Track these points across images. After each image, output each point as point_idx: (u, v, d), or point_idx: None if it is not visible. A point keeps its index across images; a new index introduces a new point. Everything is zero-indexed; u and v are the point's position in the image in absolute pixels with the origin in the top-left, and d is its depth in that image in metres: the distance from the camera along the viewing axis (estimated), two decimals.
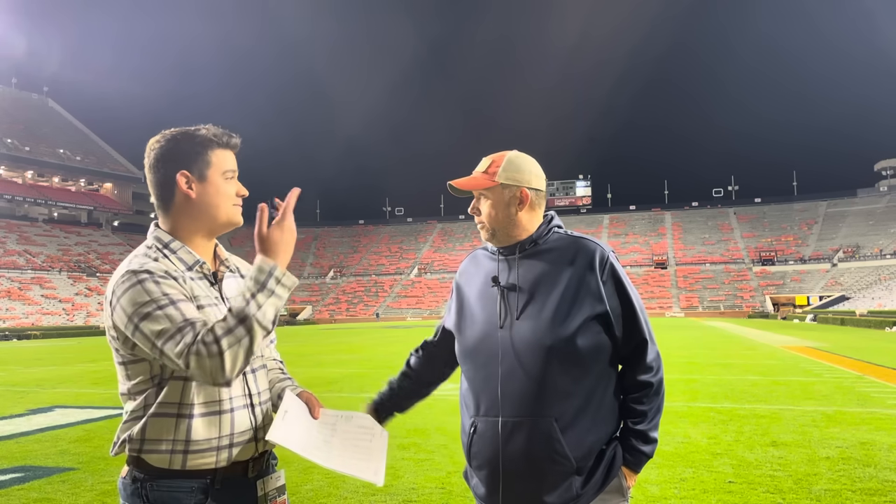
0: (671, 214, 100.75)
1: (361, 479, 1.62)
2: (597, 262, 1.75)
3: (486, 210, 1.82)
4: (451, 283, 2.01)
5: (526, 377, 1.70)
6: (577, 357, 1.70)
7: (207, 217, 1.61)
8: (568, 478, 1.69)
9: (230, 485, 1.55)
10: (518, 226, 1.81)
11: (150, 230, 1.63)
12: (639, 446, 1.77)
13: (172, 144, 1.59)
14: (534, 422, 1.69)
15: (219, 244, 1.72)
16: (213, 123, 1.66)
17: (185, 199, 1.59)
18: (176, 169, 1.58)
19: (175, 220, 1.61)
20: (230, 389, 1.56)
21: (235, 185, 1.65)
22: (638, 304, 1.78)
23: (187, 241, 1.61)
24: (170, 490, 1.50)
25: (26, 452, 6.22)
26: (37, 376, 14.57)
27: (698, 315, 69.41)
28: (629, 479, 1.78)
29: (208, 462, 1.52)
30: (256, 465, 1.61)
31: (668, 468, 5.12)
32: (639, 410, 1.78)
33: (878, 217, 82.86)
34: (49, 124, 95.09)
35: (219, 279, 1.65)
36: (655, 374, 1.79)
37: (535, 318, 1.72)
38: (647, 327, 1.79)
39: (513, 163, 1.83)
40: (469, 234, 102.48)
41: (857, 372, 12.54)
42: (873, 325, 37.08)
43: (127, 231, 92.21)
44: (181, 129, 1.62)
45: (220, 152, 1.62)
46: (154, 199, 1.63)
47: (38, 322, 55.09)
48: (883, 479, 4.78)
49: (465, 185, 1.84)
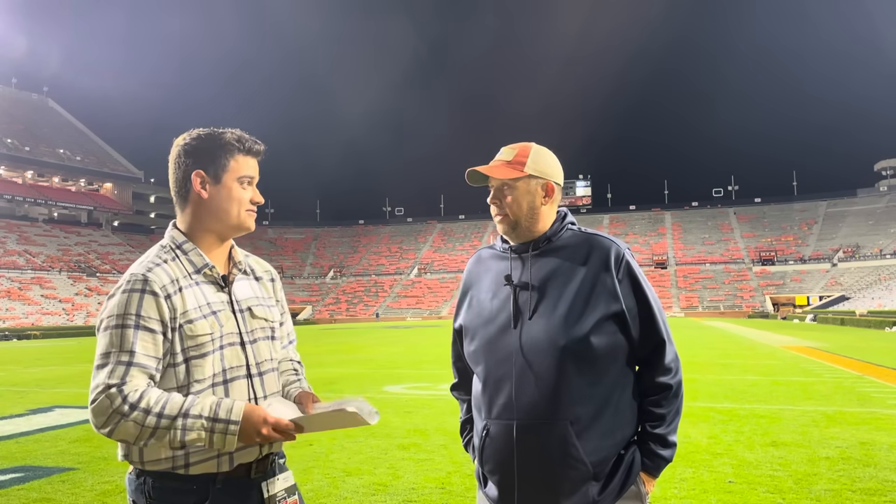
0: (671, 214, 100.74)
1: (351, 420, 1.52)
2: (612, 259, 1.70)
3: (510, 201, 1.76)
4: (452, 284, 1.99)
5: (540, 379, 1.65)
6: (592, 358, 1.65)
7: (218, 219, 1.63)
8: (584, 483, 1.64)
9: (232, 485, 1.55)
10: (540, 220, 1.77)
11: (168, 228, 1.68)
12: (658, 451, 1.71)
13: (196, 143, 1.63)
14: (549, 425, 1.64)
15: (235, 246, 1.73)
16: (241, 129, 1.69)
17: (199, 199, 1.62)
18: (193, 167, 1.61)
19: (189, 218, 1.64)
20: (234, 395, 1.57)
21: (251, 192, 1.66)
22: (655, 304, 1.72)
23: (200, 242, 1.64)
24: (171, 488, 1.52)
25: (26, 452, 6.22)
26: (37, 376, 14.56)
27: (698, 315, 69.40)
28: (647, 484, 1.72)
29: (209, 468, 1.53)
30: (261, 466, 1.61)
31: (668, 468, 5.10)
32: (657, 413, 1.72)
33: (878, 217, 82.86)
34: (49, 124, 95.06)
35: (229, 282, 1.66)
36: (674, 376, 1.73)
37: (549, 318, 1.67)
38: (665, 328, 1.73)
39: (540, 154, 1.79)
40: (469, 234, 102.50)
41: (857, 372, 12.54)
42: (873, 325, 37.07)
43: (127, 231, 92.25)
44: (208, 130, 1.65)
45: (240, 157, 1.64)
46: (172, 195, 1.67)
47: (38, 322, 55.09)
48: (883, 479, 4.78)
49: (494, 172, 1.76)
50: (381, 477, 5.02)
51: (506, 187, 1.76)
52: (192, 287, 1.58)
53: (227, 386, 1.57)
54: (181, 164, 1.62)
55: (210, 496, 1.53)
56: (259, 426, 1.47)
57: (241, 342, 1.62)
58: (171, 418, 1.44)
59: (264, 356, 1.66)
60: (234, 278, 1.67)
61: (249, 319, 1.65)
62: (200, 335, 1.54)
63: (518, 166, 1.76)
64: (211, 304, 1.59)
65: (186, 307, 1.54)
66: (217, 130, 1.65)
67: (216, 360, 1.56)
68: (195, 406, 1.46)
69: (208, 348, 1.55)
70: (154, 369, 1.50)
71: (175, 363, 1.53)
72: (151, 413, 1.43)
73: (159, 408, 1.44)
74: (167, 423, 1.44)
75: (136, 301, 1.49)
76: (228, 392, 1.57)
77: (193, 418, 1.45)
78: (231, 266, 1.69)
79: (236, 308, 1.63)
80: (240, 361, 1.60)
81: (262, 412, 1.48)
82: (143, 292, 1.50)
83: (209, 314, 1.57)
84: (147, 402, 1.44)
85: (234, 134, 1.65)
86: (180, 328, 1.53)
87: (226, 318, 1.60)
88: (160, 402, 1.44)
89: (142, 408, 1.43)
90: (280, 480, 1.64)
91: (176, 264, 1.58)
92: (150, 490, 1.53)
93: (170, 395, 1.48)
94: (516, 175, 1.75)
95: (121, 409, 1.42)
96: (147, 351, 1.48)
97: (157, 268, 1.55)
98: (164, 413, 1.44)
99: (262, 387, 1.63)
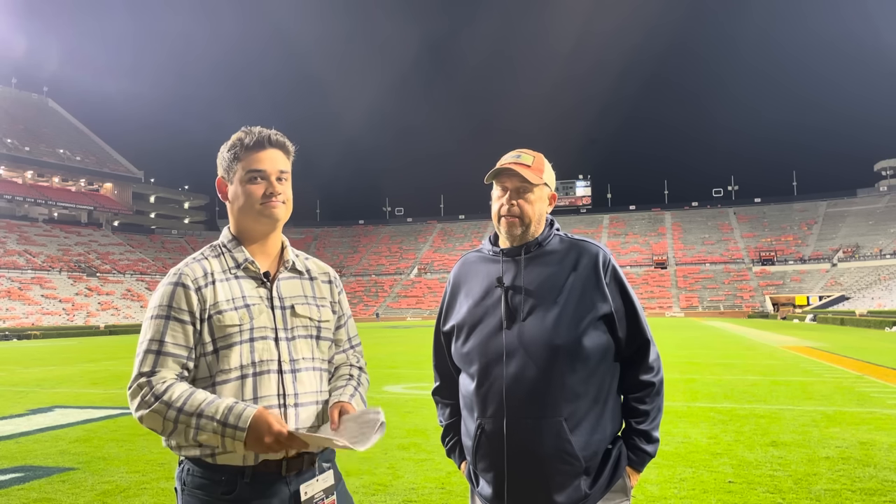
0: (671, 214, 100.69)
1: (339, 445, 1.52)
2: (600, 264, 1.79)
3: (528, 204, 1.81)
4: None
5: (534, 378, 1.70)
6: (584, 357, 1.72)
7: (244, 217, 1.69)
8: (576, 478, 1.70)
9: (260, 480, 1.56)
10: (542, 226, 1.87)
11: (223, 229, 1.77)
12: (643, 446, 1.79)
13: (221, 152, 1.72)
14: (543, 422, 1.69)
15: (288, 247, 1.76)
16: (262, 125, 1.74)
17: (227, 204, 1.72)
18: (219, 176, 1.73)
19: (230, 220, 1.74)
20: (261, 390, 1.59)
21: (262, 186, 1.66)
22: (639, 306, 1.83)
23: (247, 240, 1.70)
24: (202, 477, 1.57)
25: (26, 452, 6.22)
26: (37, 376, 14.56)
27: (698, 315, 69.41)
28: (632, 478, 1.80)
29: (234, 460, 1.55)
30: (293, 464, 1.60)
31: (668, 468, 5.12)
32: (641, 410, 1.80)
33: (878, 217, 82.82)
34: (49, 124, 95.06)
35: (271, 279, 1.68)
36: (657, 375, 1.83)
37: (542, 319, 1.73)
38: (647, 328, 1.83)
39: (548, 165, 1.89)
40: (469, 234, 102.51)
41: (857, 372, 12.54)
42: (873, 325, 37.06)
43: (127, 231, 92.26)
44: (237, 134, 1.71)
45: (244, 155, 1.67)
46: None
47: (38, 322, 55.06)
48: (883, 479, 4.78)
49: (527, 174, 1.81)
50: (380, 477, 5.02)
51: (526, 191, 1.82)
52: (229, 281, 1.64)
53: (256, 379, 1.59)
54: (218, 174, 1.73)
55: (238, 488, 1.55)
56: (263, 435, 1.48)
57: (275, 337, 1.63)
58: (189, 415, 1.49)
59: (302, 354, 1.67)
60: (279, 276, 1.70)
61: (290, 317, 1.67)
62: (228, 325, 1.59)
63: (538, 172, 1.84)
64: (245, 298, 1.63)
65: (217, 299, 1.60)
66: (237, 133, 1.71)
67: (244, 351, 1.59)
68: (210, 407, 1.50)
69: (235, 339, 1.58)
70: (186, 358, 1.57)
71: (206, 353, 1.59)
72: (172, 407, 1.49)
73: (180, 402, 1.50)
74: (185, 418, 1.49)
75: (168, 294, 1.59)
76: (257, 385, 1.59)
77: (207, 419, 1.49)
78: (279, 264, 1.72)
79: (276, 304, 1.66)
80: (271, 356, 1.61)
81: (269, 421, 1.48)
82: (175, 285, 1.60)
83: (241, 307, 1.61)
84: (170, 395, 1.50)
85: (243, 132, 1.69)
86: (209, 319, 1.59)
87: (259, 312, 1.62)
88: (182, 397, 1.50)
89: (164, 400, 1.50)
90: (319, 481, 1.63)
91: (218, 260, 1.67)
92: (186, 477, 1.59)
93: (194, 391, 1.53)
94: (539, 181, 1.83)
95: (147, 399, 1.51)
96: (177, 340, 1.56)
97: (196, 263, 1.65)
98: (184, 409, 1.49)
99: (293, 384, 1.63)
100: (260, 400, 1.58)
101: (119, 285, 72.15)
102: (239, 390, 1.57)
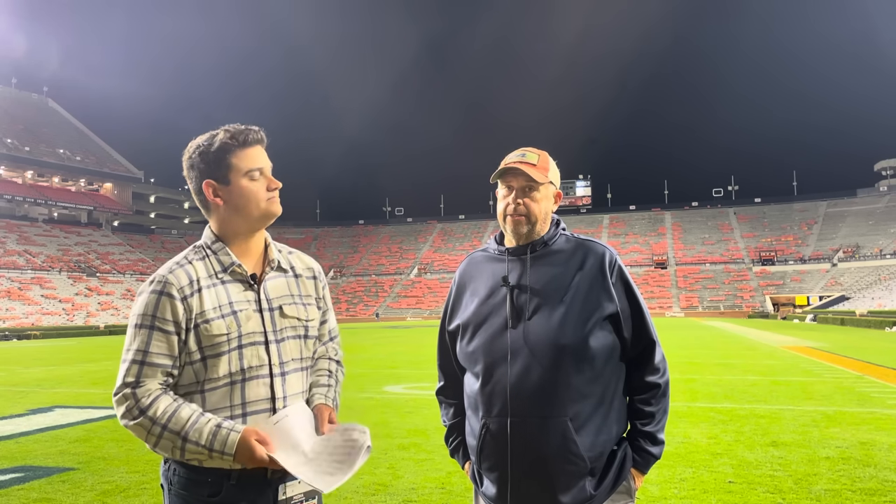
0: (671, 214, 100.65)
1: (306, 482, 1.55)
2: (606, 263, 1.78)
3: (535, 203, 1.81)
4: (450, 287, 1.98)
5: (540, 377, 1.69)
6: (590, 357, 1.71)
7: (241, 218, 1.65)
8: (581, 478, 1.69)
9: (246, 483, 1.56)
10: (548, 225, 1.86)
11: (205, 229, 1.72)
12: (648, 447, 1.78)
13: (197, 155, 1.64)
14: (549, 422, 1.68)
15: (271, 244, 1.73)
16: (239, 122, 1.68)
17: (217, 206, 1.65)
18: (202, 178, 1.64)
19: (216, 223, 1.68)
20: (250, 395, 1.59)
21: (265, 181, 1.66)
22: (645, 307, 1.82)
23: (231, 241, 1.67)
24: (188, 478, 1.57)
25: (26, 452, 6.22)
26: (37, 376, 14.56)
27: (698, 315, 69.39)
28: (637, 480, 1.79)
29: (223, 464, 1.54)
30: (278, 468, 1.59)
31: (668, 468, 5.12)
32: (647, 412, 1.79)
33: (878, 217, 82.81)
34: (49, 124, 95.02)
35: (258, 280, 1.66)
36: (662, 376, 1.81)
37: (548, 318, 1.72)
38: (653, 329, 1.81)
39: (553, 163, 1.88)
40: (469, 234, 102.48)
41: (857, 372, 12.54)
42: (873, 325, 37.06)
43: (127, 231, 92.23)
44: (204, 137, 1.65)
45: (240, 153, 1.63)
46: (198, 205, 1.70)
47: (38, 322, 55.06)
48: (883, 479, 4.78)
49: (533, 173, 1.80)
50: (381, 477, 5.02)
51: (531, 189, 1.81)
52: (215, 287, 1.60)
53: (245, 385, 1.58)
54: (192, 178, 1.66)
55: (224, 490, 1.55)
56: (248, 461, 1.51)
57: (264, 342, 1.62)
58: (174, 434, 1.50)
59: (291, 355, 1.66)
60: (266, 276, 1.67)
61: (279, 318, 1.65)
62: (216, 335, 1.56)
63: (544, 171, 1.83)
64: (233, 304, 1.60)
65: (204, 307, 1.57)
66: (212, 134, 1.65)
67: (233, 359, 1.58)
68: (194, 430, 1.50)
69: (224, 348, 1.57)
70: (171, 367, 1.56)
71: (192, 361, 1.57)
72: (157, 424, 1.50)
73: (164, 420, 1.50)
74: (171, 436, 1.50)
75: (153, 303, 1.56)
76: (245, 391, 1.58)
77: (192, 444, 1.50)
78: (264, 264, 1.69)
79: (264, 307, 1.64)
80: (261, 361, 1.60)
81: (251, 448, 1.50)
82: (160, 294, 1.56)
83: (228, 314, 1.59)
84: (155, 411, 1.50)
85: (228, 131, 1.63)
86: (196, 328, 1.56)
87: (246, 319, 1.60)
88: (166, 415, 1.50)
89: (149, 416, 1.50)
90: (301, 484, 1.62)
91: (204, 264, 1.63)
92: (172, 477, 1.59)
93: (178, 406, 1.52)
94: (544, 180, 1.82)
95: (132, 411, 1.51)
96: (161, 350, 1.55)
97: (180, 269, 1.60)
98: (168, 427, 1.50)
99: (282, 387, 1.63)
100: (249, 405, 1.58)
101: (119, 285, 72.13)
102: (227, 396, 1.57)
